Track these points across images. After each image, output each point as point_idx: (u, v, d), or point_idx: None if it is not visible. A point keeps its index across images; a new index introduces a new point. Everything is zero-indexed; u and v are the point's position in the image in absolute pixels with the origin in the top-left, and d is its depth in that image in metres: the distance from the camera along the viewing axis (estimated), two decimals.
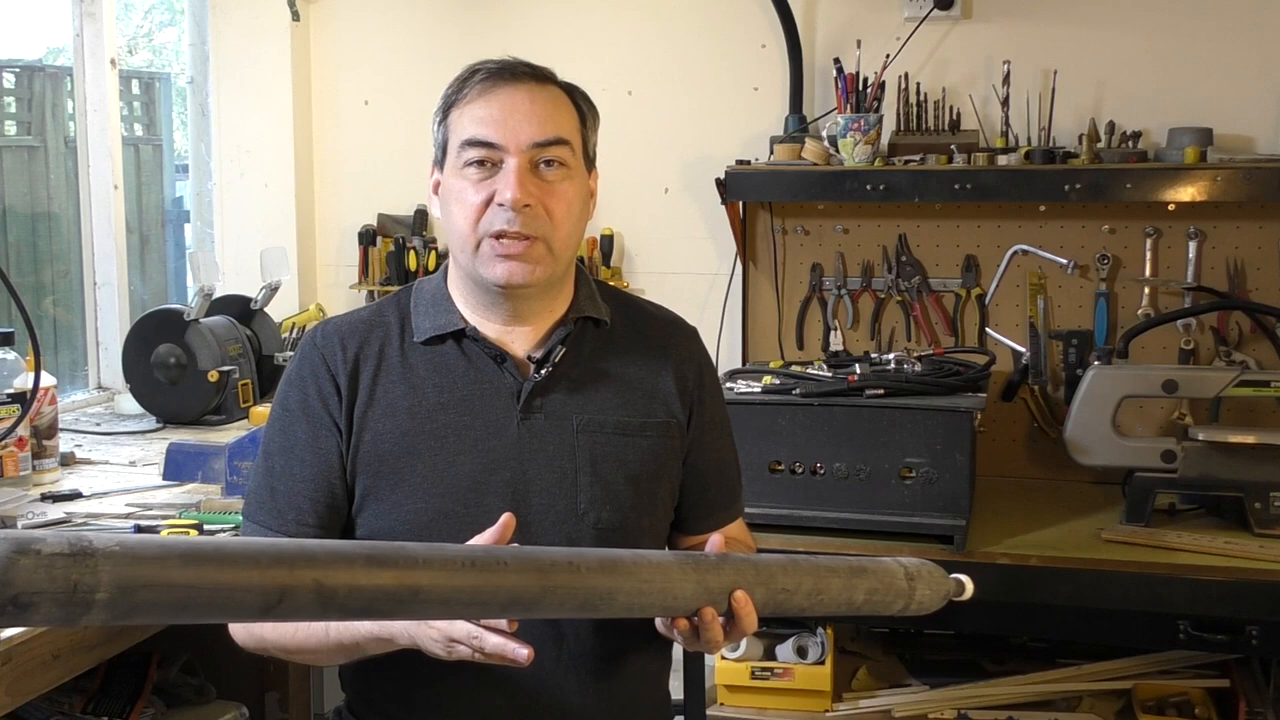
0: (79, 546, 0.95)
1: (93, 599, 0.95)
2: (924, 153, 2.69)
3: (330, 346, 1.51)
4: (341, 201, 3.31)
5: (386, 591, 1.09)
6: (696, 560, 1.29)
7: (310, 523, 1.47)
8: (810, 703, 2.43)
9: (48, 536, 0.96)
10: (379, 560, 1.10)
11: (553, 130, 1.45)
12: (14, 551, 0.93)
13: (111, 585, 0.96)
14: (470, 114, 1.45)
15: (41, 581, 0.93)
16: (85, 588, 0.95)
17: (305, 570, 1.05)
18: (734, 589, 1.28)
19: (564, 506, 1.48)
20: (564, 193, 1.46)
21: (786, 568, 1.33)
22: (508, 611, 1.19)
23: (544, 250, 1.44)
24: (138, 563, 0.98)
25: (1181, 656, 2.42)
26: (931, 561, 1.44)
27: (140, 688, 2.13)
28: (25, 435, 2.17)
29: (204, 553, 1.02)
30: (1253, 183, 2.47)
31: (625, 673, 1.53)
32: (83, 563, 0.95)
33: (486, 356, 1.50)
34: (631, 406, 1.53)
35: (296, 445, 1.49)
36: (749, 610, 1.28)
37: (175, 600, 1.00)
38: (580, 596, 1.19)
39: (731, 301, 2.99)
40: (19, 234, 2.94)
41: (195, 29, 3.32)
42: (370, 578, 1.08)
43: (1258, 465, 2.29)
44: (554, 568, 1.17)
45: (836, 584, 1.35)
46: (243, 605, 1.04)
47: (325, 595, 1.05)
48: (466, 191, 1.44)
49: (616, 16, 3.07)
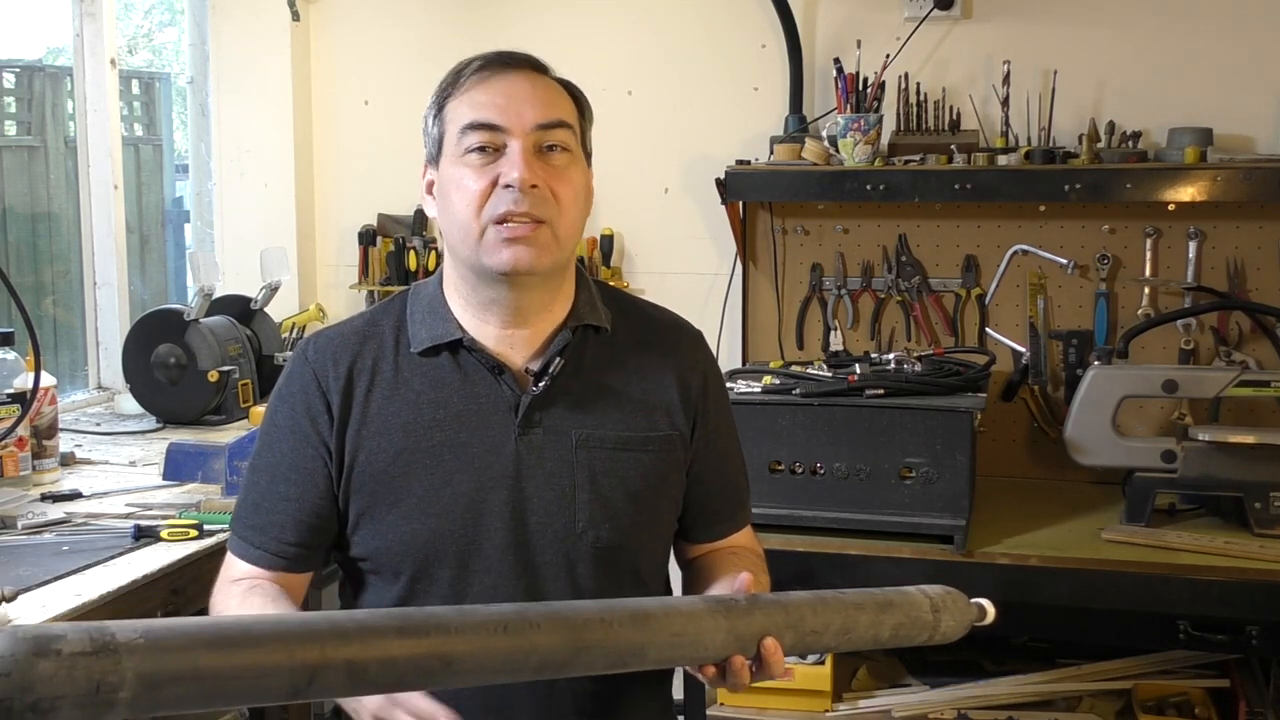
0: (101, 641, 0.90)
1: (116, 698, 0.90)
2: (924, 153, 2.69)
3: (322, 362, 1.46)
4: (341, 201, 3.31)
5: (418, 663, 1.04)
6: (727, 607, 1.25)
7: (291, 540, 1.45)
8: (810, 703, 2.43)
9: (67, 633, 0.90)
10: (410, 630, 1.05)
11: (555, 113, 1.42)
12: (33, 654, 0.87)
13: (135, 682, 0.90)
14: (469, 100, 1.42)
15: (63, 685, 0.87)
16: (109, 687, 0.89)
17: (336, 648, 1.00)
18: (764, 635, 1.25)
19: (561, 525, 1.44)
20: (571, 177, 1.43)
21: (815, 608, 1.29)
22: (540, 675, 1.14)
23: (550, 236, 1.40)
24: (163, 654, 0.92)
25: (1181, 656, 2.42)
26: (954, 589, 1.40)
27: None
28: (25, 435, 2.18)
29: (231, 636, 0.97)
30: (1253, 183, 2.47)
31: (625, 691, 1.50)
32: (105, 659, 0.89)
33: (484, 369, 1.46)
34: (632, 420, 1.48)
35: (281, 464, 1.47)
36: (779, 657, 1.26)
37: (203, 692, 0.95)
38: (613, 655, 1.15)
39: (731, 302, 2.99)
40: (19, 234, 2.95)
41: (195, 29, 3.32)
42: (402, 649, 1.04)
43: (1258, 465, 2.29)
44: (586, 625, 1.13)
45: (864, 620, 1.31)
46: (272, 690, 0.99)
47: (356, 673, 1.01)
48: (468, 179, 1.40)
49: (616, 16, 3.07)
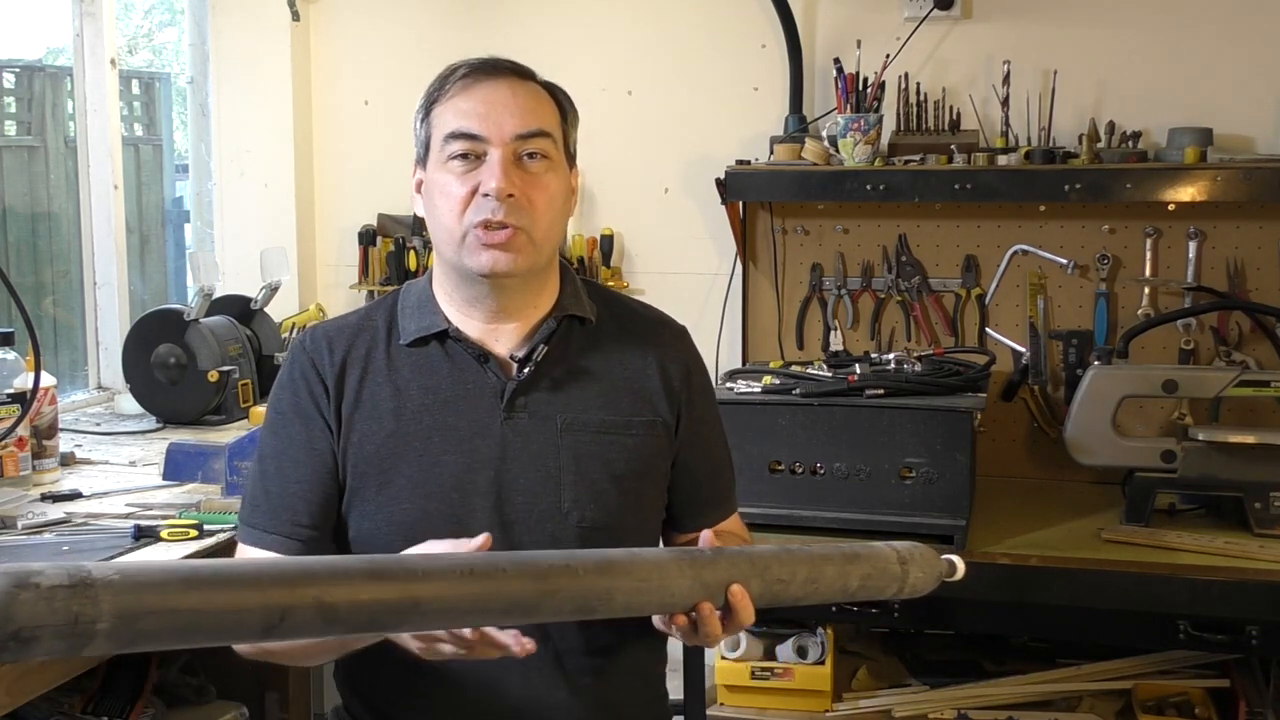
0: (78, 577, 0.94)
1: (94, 629, 0.94)
2: (924, 153, 2.69)
3: (318, 350, 1.52)
4: (341, 201, 3.31)
5: (388, 605, 1.09)
6: (692, 556, 1.30)
7: (304, 523, 1.48)
8: (810, 703, 2.43)
9: (45, 569, 0.95)
10: (379, 574, 1.09)
11: (535, 122, 1.47)
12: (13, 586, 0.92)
13: (112, 614, 0.95)
14: (453, 108, 1.47)
15: (43, 615, 0.92)
16: (86, 619, 0.94)
17: (306, 588, 1.05)
18: (730, 583, 1.29)
19: (547, 506, 1.48)
20: (546, 184, 1.47)
21: (781, 558, 1.34)
22: (508, 618, 1.19)
23: (526, 240, 1.45)
24: (138, 590, 0.97)
25: (1181, 656, 2.42)
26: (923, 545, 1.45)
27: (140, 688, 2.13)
28: (25, 435, 2.18)
29: (204, 576, 1.02)
30: (1253, 183, 2.47)
31: (617, 669, 1.53)
32: (83, 593, 0.94)
33: (469, 357, 1.50)
34: (616, 405, 1.53)
35: (290, 446, 1.50)
36: (746, 603, 1.30)
37: (177, 626, 0.99)
38: (579, 599, 1.19)
39: (731, 301, 2.99)
40: (19, 234, 2.94)
41: (195, 29, 3.32)
42: (371, 592, 1.08)
43: (1258, 465, 2.29)
44: (551, 571, 1.17)
45: (831, 571, 1.36)
46: (245, 626, 1.03)
47: (327, 612, 1.05)
48: (451, 184, 1.46)
49: (616, 16, 3.07)
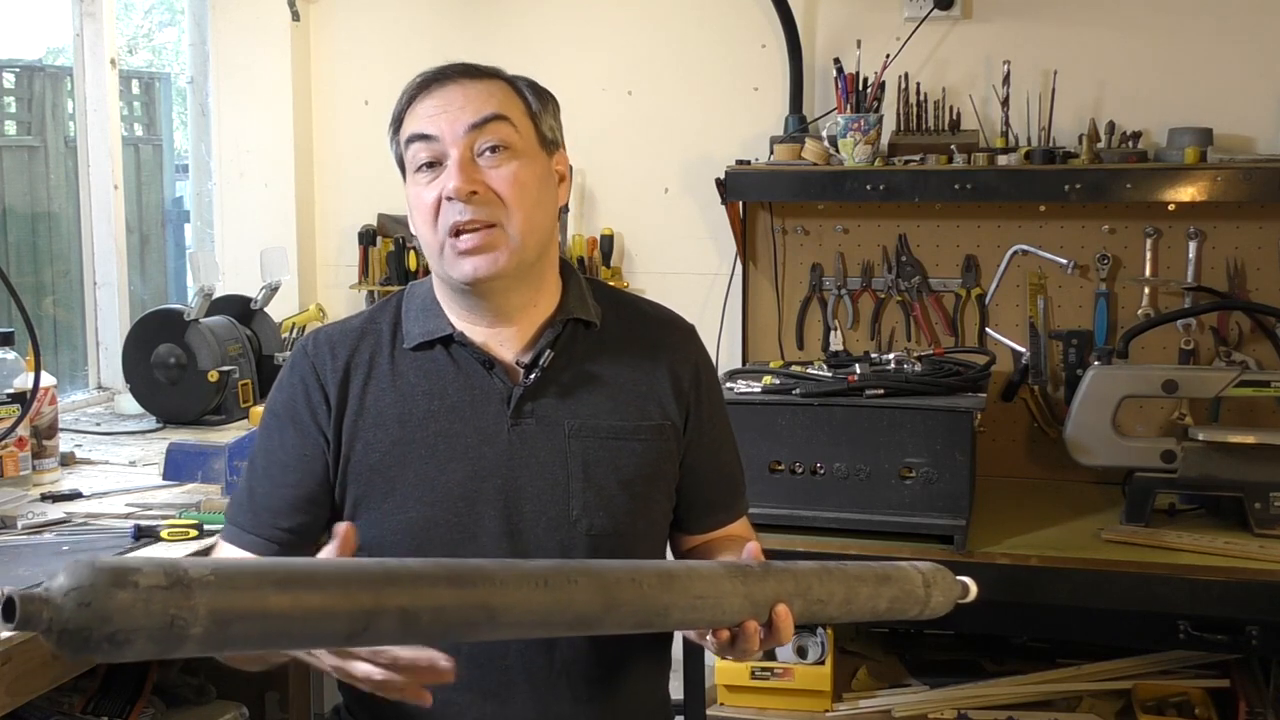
0: (175, 576, 0.91)
1: (188, 634, 0.91)
2: (924, 153, 2.69)
3: (321, 355, 1.51)
4: (341, 201, 3.31)
5: (465, 614, 1.06)
6: (744, 572, 1.28)
7: (284, 526, 1.48)
8: (810, 703, 2.43)
9: (143, 565, 0.91)
10: (460, 579, 1.06)
11: (486, 108, 1.44)
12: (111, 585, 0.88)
13: (207, 618, 0.92)
14: (411, 116, 1.47)
15: (139, 618, 0.88)
16: (182, 622, 0.90)
17: (391, 594, 1.01)
18: (777, 601, 1.28)
19: (556, 513, 1.46)
20: (510, 174, 1.43)
21: (821, 577, 1.32)
22: (571, 630, 1.16)
23: (502, 236, 1.42)
24: (233, 591, 0.94)
25: (1181, 656, 2.42)
26: (942, 566, 1.45)
27: (140, 687, 2.13)
28: (25, 435, 2.17)
29: (296, 576, 0.99)
30: (1253, 183, 2.47)
31: (621, 676, 1.52)
32: (179, 593, 0.90)
33: (475, 362, 1.49)
34: (624, 410, 1.51)
35: (279, 450, 1.50)
36: (789, 624, 1.28)
37: (267, 631, 0.96)
38: (640, 614, 1.17)
39: (731, 301, 2.99)
40: (19, 234, 2.94)
41: (195, 29, 3.32)
42: (452, 598, 1.05)
43: (1258, 465, 2.29)
44: (619, 584, 1.15)
45: (864, 593, 1.35)
46: (330, 632, 1.00)
47: (409, 620, 1.03)
48: (421, 195, 1.44)
49: (616, 16, 3.07)
